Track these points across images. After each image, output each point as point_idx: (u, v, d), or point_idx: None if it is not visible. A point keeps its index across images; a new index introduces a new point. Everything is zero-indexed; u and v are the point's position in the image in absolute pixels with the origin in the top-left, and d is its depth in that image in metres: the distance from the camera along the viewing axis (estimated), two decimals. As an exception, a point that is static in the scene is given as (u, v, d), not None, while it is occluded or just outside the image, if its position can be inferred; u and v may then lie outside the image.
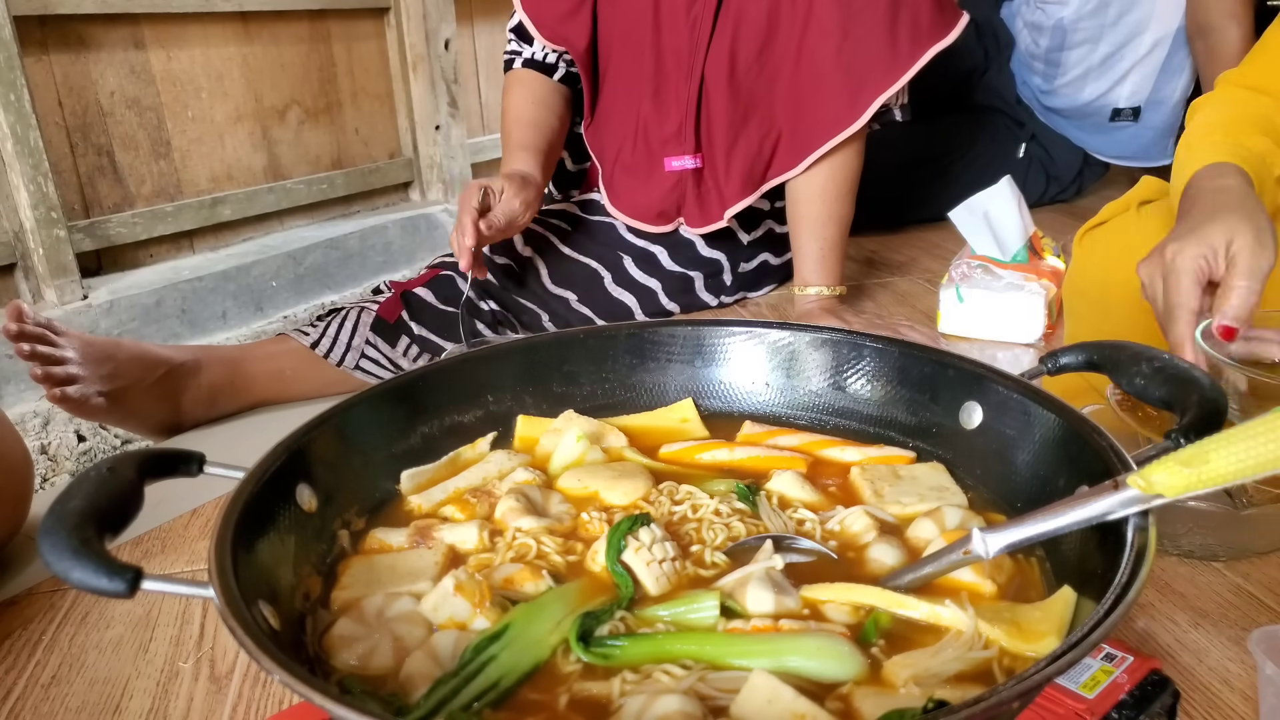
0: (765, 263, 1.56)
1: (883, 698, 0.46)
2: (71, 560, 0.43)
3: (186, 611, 0.81)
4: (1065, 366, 0.66)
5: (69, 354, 1.09)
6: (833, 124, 1.28)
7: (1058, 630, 0.49)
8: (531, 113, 1.42)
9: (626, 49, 1.38)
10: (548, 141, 1.41)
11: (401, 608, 0.56)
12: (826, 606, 0.55)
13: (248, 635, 0.42)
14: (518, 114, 1.42)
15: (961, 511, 0.64)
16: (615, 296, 1.44)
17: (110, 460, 0.51)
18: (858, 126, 1.28)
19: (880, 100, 1.26)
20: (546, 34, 1.39)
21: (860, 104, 1.27)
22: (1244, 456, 0.43)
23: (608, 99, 1.44)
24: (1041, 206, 2.13)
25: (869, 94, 1.26)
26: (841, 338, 0.78)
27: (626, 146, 1.43)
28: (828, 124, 1.29)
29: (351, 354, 1.28)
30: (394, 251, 2.66)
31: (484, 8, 3.02)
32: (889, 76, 1.25)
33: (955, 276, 1.39)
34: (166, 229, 2.23)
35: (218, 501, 0.99)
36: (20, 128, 1.84)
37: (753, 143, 1.35)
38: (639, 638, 0.52)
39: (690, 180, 1.40)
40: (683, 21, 1.33)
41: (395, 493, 0.70)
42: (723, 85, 1.33)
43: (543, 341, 0.84)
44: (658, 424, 0.80)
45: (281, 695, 0.70)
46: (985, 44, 2.15)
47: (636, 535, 0.59)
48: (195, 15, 2.23)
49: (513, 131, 1.40)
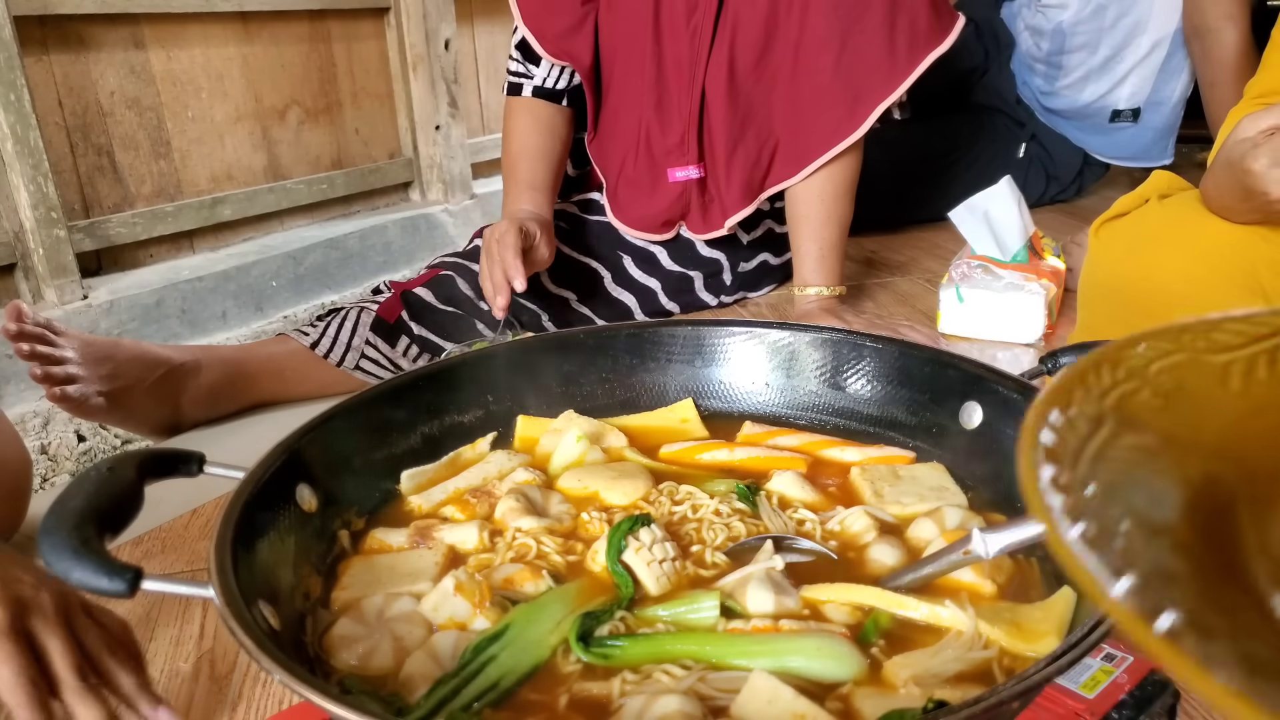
0: (765, 263, 1.56)
1: (883, 698, 0.46)
2: (72, 560, 0.43)
3: (187, 611, 0.81)
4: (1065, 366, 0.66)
5: (69, 354, 1.09)
6: (832, 133, 1.28)
7: (1058, 630, 0.49)
8: (536, 143, 1.38)
9: (628, 60, 1.37)
10: (556, 177, 1.39)
11: (401, 608, 0.56)
12: (826, 607, 0.55)
13: (248, 635, 0.42)
14: (523, 145, 1.38)
15: (961, 512, 0.64)
16: (615, 296, 1.44)
17: (110, 460, 0.51)
18: (857, 136, 1.28)
19: (880, 109, 1.26)
20: (550, 49, 1.37)
21: (859, 113, 1.27)
22: (1244, 457, 0.43)
23: (610, 111, 1.43)
24: (1041, 206, 2.13)
25: (868, 103, 1.26)
26: (841, 338, 0.78)
27: (629, 158, 1.42)
28: (827, 133, 1.28)
29: (351, 354, 1.28)
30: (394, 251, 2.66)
31: (484, 8, 3.02)
32: (888, 85, 1.25)
33: (955, 276, 1.39)
34: (166, 229, 2.23)
35: (218, 501, 0.99)
36: (20, 128, 1.84)
37: (751, 151, 1.35)
38: (639, 638, 0.52)
39: (694, 190, 1.40)
40: (683, 31, 1.33)
41: (395, 493, 0.70)
42: (722, 95, 1.32)
43: (543, 341, 0.84)
44: (658, 424, 0.80)
45: (282, 695, 0.70)
46: (985, 44, 2.15)
47: (637, 535, 0.59)
48: (195, 15, 2.23)
49: (519, 165, 1.37)
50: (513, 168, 1.38)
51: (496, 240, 1.20)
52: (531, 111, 1.40)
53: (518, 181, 1.36)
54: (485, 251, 1.22)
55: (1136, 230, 1.09)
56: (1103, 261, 1.11)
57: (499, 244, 1.19)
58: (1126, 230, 1.10)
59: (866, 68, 1.25)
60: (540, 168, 1.36)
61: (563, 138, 1.42)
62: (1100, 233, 1.14)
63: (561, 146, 1.41)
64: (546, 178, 1.36)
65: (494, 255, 1.19)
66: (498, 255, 1.19)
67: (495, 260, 1.19)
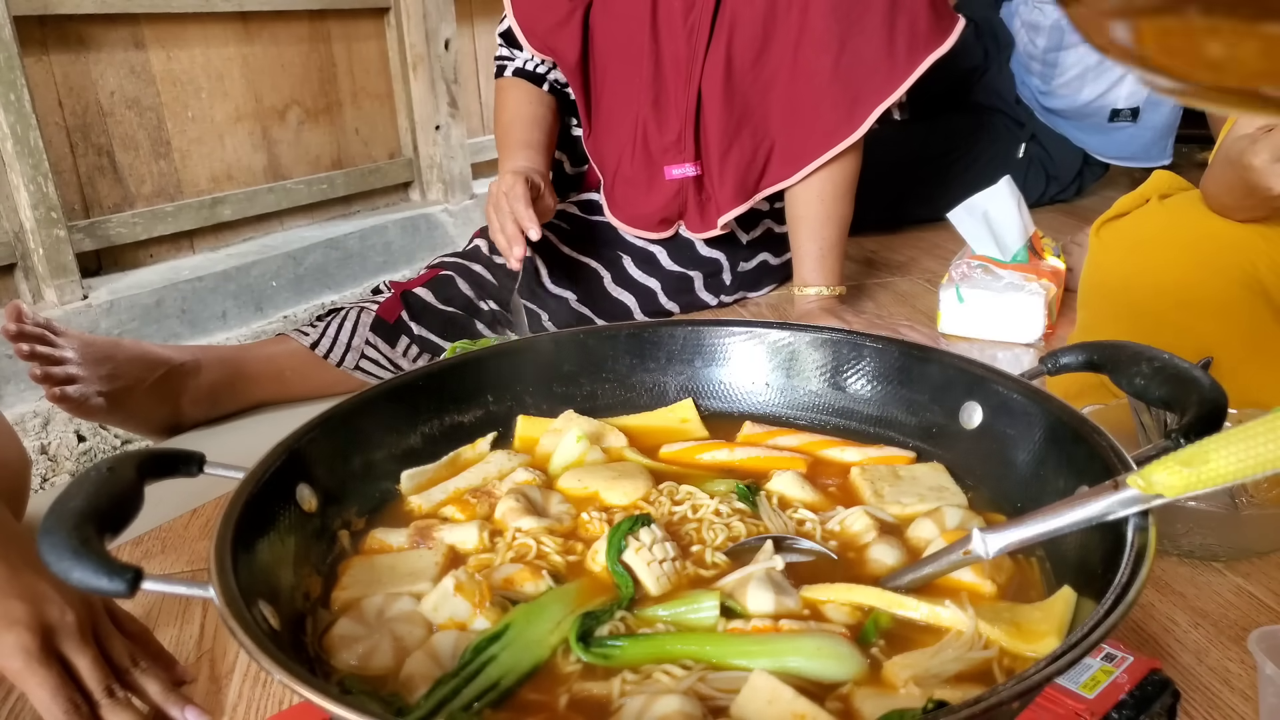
0: (765, 262, 1.56)
1: (883, 698, 0.46)
2: (72, 560, 0.43)
3: (187, 611, 0.81)
4: (1065, 366, 0.66)
5: (68, 354, 1.09)
6: (831, 134, 1.28)
7: (1058, 630, 0.49)
8: (529, 110, 1.41)
9: (625, 58, 1.37)
10: (548, 138, 1.41)
11: (402, 608, 0.56)
12: (826, 607, 0.55)
13: (248, 635, 0.42)
14: (516, 113, 1.41)
15: (961, 511, 0.64)
16: (615, 296, 1.44)
17: (110, 460, 0.51)
18: (856, 138, 1.28)
19: (879, 111, 1.26)
20: (535, 44, 1.39)
21: (858, 115, 1.27)
22: (1243, 456, 0.43)
23: (607, 109, 1.43)
24: (1041, 206, 2.13)
25: (867, 104, 1.26)
26: (841, 338, 0.78)
27: (626, 156, 1.42)
28: (825, 134, 1.29)
29: (351, 354, 1.28)
30: (394, 251, 2.66)
31: (484, 8, 3.02)
32: (887, 86, 1.25)
33: (955, 276, 1.39)
34: (166, 229, 2.23)
35: (218, 501, 0.99)
36: (20, 128, 1.84)
37: (746, 150, 1.35)
38: (639, 638, 0.52)
39: (691, 187, 1.40)
40: (680, 29, 1.33)
41: (395, 493, 0.70)
42: (719, 93, 1.33)
43: (543, 341, 0.84)
44: (658, 424, 0.80)
45: (282, 695, 0.70)
46: (985, 44, 2.15)
47: (637, 535, 0.59)
48: (195, 15, 2.23)
49: (514, 129, 1.40)
50: (506, 133, 1.41)
51: (505, 193, 1.21)
52: (519, 85, 1.44)
53: (512, 144, 1.38)
54: (494, 204, 1.23)
55: (1137, 230, 1.09)
56: (1103, 261, 1.11)
57: (508, 196, 1.20)
58: (1127, 230, 1.10)
59: (866, 69, 1.25)
60: (534, 130, 1.39)
61: (551, 108, 1.45)
62: (1100, 233, 1.14)
63: (550, 115, 1.44)
64: (540, 138, 1.39)
65: (504, 207, 1.20)
66: (508, 206, 1.19)
67: (506, 212, 1.19)
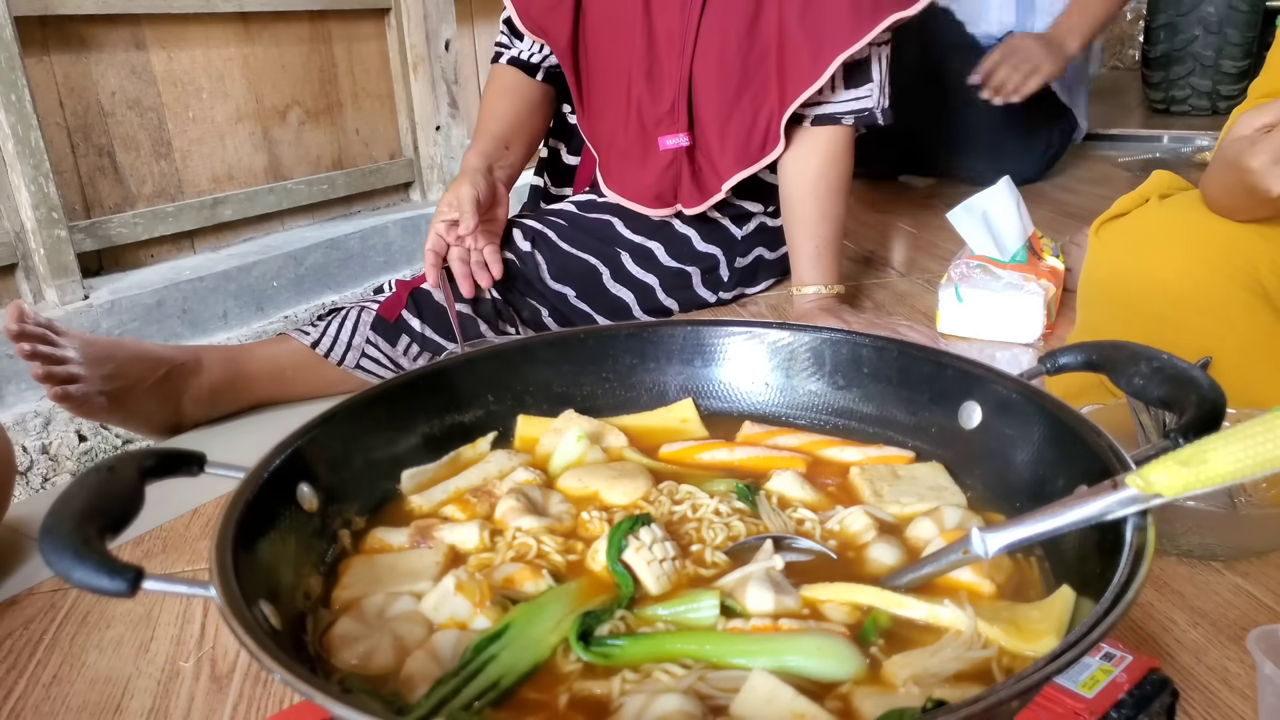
0: (760, 257, 1.57)
1: (882, 697, 0.47)
2: (72, 560, 0.43)
3: (187, 611, 0.81)
4: (1064, 366, 0.66)
5: (70, 354, 1.09)
6: (797, 83, 1.30)
7: (1057, 629, 0.49)
8: (506, 102, 1.48)
9: (617, 33, 1.39)
10: (523, 127, 1.48)
11: (402, 607, 0.56)
12: (826, 606, 0.55)
13: (248, 634, 0.42)
14: (492, 103, 1.49)
15: (961, 511, 0.64)
16: (613, 293, 1.44)
17: (111, 460, 0.51)
18: (819, 85, 1.28)
19: (840, 59, 1.26)
20: (528, 25, 1.42)
21: (820, 64, 1.28)
22: (1243, 456, 0.43)
23: (599, 85, 1.45)
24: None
25: (829, 53, 1.27)
26: (841, 338, 0.78)
27: (620, 129, 1.43)
28: (793, 83, 1.30)
29: (352, 353, 1.28)
30: (394, 252, 2.66)
31: (484, 8, 3.02)
32: (850, 38, 1.26)
33: (954, 276, 1.39)
34: (167, 229, 2.23)
35: (219, 501, 0.99)
36: (21, 128, 1.84)
37: (746, 117, 1.36)
38: (639, 637, 0.52)
39: (684, 159, 1.40)
40: (673, 2, 1.34)
41: (396, 492, 0.70)
42: (714, 62, 1.34)
43: (543, 341, 0.84)
44: (658, 424, 0.80)
45: (282, 695, 0.70)
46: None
47: (637, 535, 0.59)
48: (196, 16, 2.23)
49: (486, 119, 1.47)
50: (480, 120, 1.48)
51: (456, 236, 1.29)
52: (507, 73, 1.50)
53: (481, 133, 1.45)
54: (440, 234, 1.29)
55: (1136, 230, 1.09)
56: (1102, 261, 1.11)
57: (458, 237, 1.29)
58: (1126, 230, 1.10)
59: (830, 21, 1.27)
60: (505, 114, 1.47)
61: (532, 101, 1.50)
62: (1100, 232, 1.14)
63: (521, 104, 1.49)
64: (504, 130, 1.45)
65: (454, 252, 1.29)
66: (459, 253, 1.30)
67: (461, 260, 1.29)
